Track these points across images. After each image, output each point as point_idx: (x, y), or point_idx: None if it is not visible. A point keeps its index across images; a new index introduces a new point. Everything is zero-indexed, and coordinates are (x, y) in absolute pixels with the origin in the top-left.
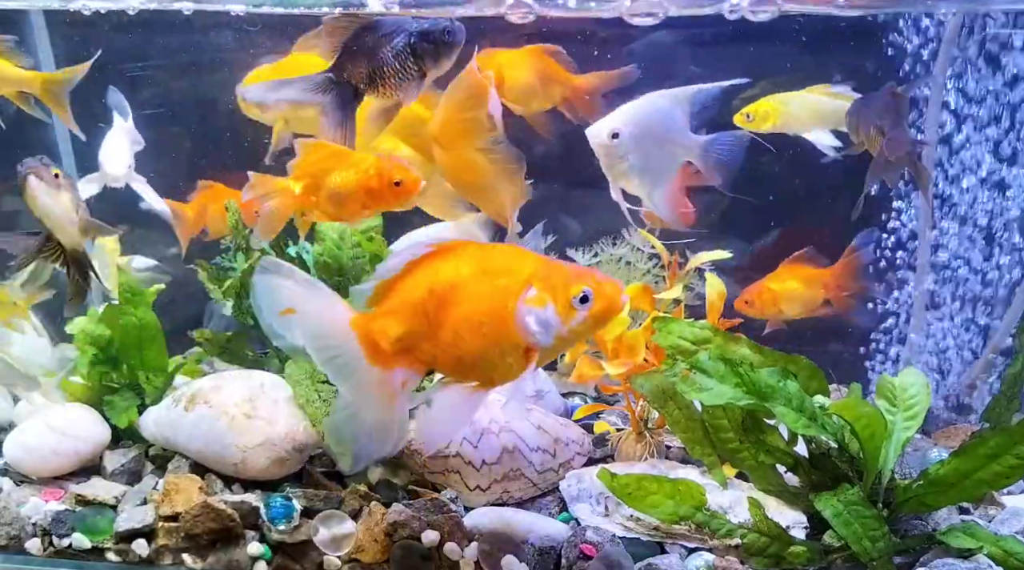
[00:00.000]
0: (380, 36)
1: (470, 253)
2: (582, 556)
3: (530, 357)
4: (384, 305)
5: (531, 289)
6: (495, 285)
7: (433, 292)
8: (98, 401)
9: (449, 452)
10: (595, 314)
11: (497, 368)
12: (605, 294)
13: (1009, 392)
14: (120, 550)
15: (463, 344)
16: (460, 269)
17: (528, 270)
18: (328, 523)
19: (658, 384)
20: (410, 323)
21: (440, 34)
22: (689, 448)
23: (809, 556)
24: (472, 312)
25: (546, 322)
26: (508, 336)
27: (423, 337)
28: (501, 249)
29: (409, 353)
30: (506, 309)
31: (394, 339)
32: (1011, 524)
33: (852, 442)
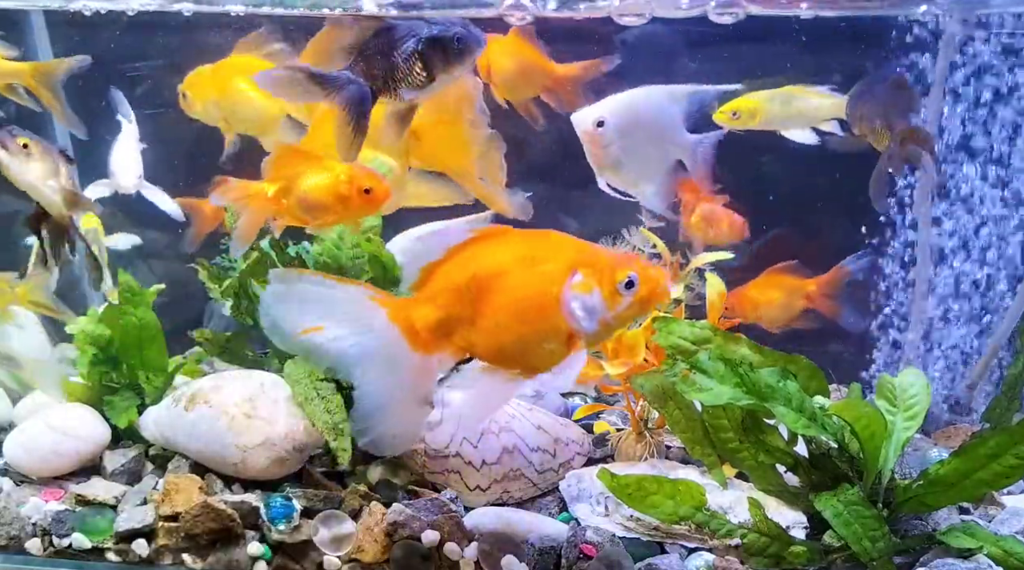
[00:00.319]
0: (393, 39)
1: (512, 238)
2: (582, 556)
3: (573, 344)
4: (424, 290)
5: (577, 275)
6: (539, 271)
7: (475, 278)
8: (98, 401)
9: (449, 452)
10: (641, 299)
11: (538, 355)
12: (650, 279)
13: (1009, 393)
14: (120, 550)
15: (505, 331)
16: (503, 255)
17: (572, 256)
18: (328, 523)
19: (658, 384)
20: (450, 309)
21: (450, 40)
22: (689, 448)
23: (809, 556)
24: (515, 299)
25: (592, 308)
26: (552, 323)
27: (463, 323)
28: (543, 235)
29: (449, 338)
30: (550, 296)
31: (434, 324)
32: (1011, 524)
33: (852, 442)
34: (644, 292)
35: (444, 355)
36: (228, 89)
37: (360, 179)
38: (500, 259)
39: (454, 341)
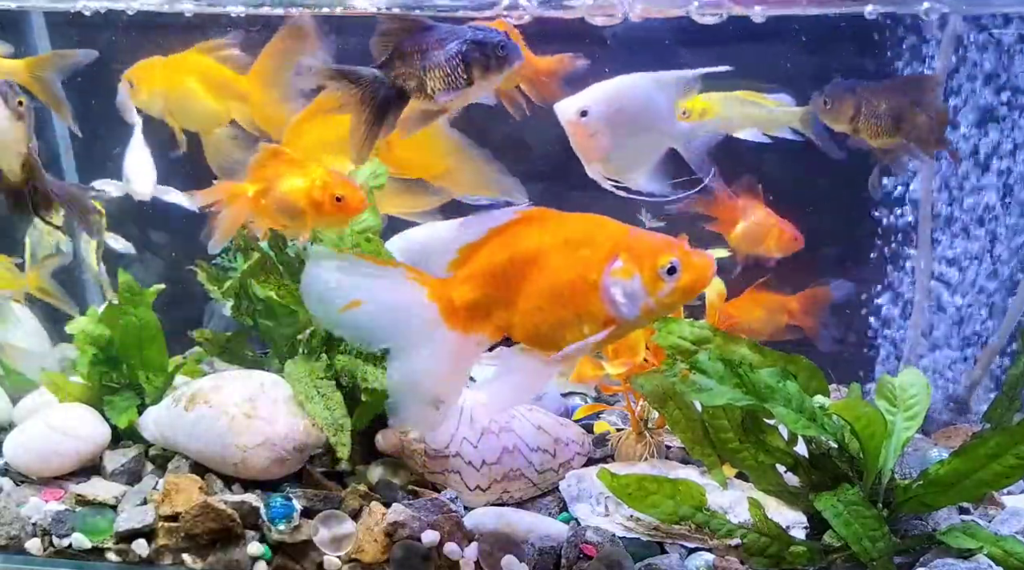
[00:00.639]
0: (434, 40)
1: (553, 222)
2: (582, 556)
3: (609, 329)
4: (464, 270)
5: (617, 260)
6: (579, 255)
7: (514, 260)
8: (98, 401)
9: (449, 452)
10: (683, 286)
11: (573, 337)
12: (694, 265)
13: (1010, 393)
14: (120, 550)
15: (543, 314)
16: (543, 238)
17: (614, 240)
18: (328, 523)
19: (658, 384)
20: (488, 289)
21: (494, 46)
22: (689, 448)
23: (809, 556)
24: (554, 282)
25: (632, 294)
26: (590, 308)
27: (501, 304)
28: (585, 218)
29: (487, 318)
30: (589, 281)
31: (472, 304)
32: (1011, 524)
33: (852, 442)
34: (687, 279)
35: (482, 335)
36: (177, 83)
37: (333, 186)
38: (540, 242)
39: (492, 321)
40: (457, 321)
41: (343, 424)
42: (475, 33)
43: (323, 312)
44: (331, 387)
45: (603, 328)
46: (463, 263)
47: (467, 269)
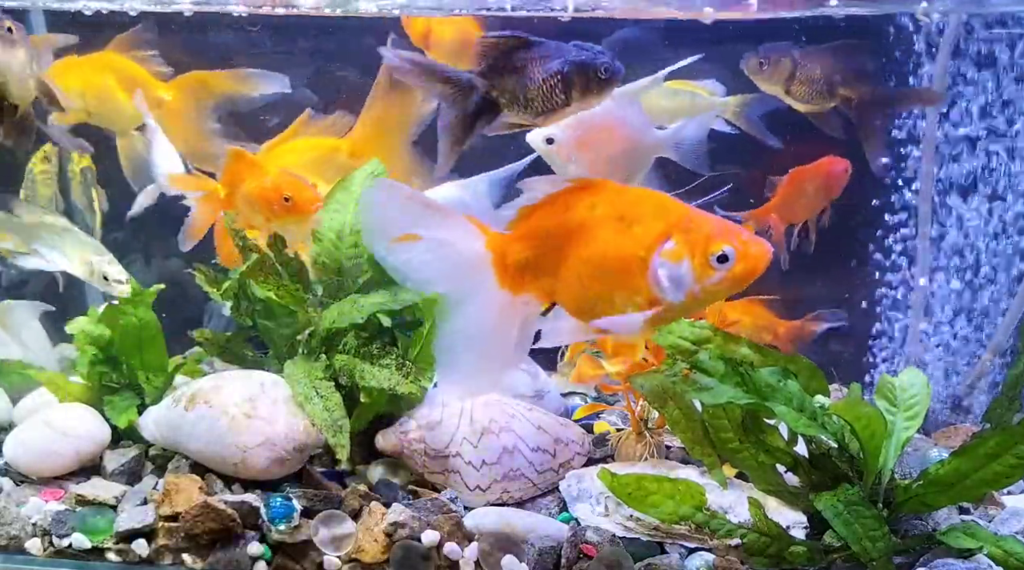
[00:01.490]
0: (537, 56)
1: (609, 194)
2: (582, 556)
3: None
4: (519, 229)
5: (669, 241)
6: (631, 232)
7: (563, 226)
8: (98, 401)
9: (449, 452)
10: (734, 276)
11: (615, 313)
12: (749, 255)
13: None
14: (120, 550)
15: (588, 285)
16: (595, 209)
17: (669, 220)
18: (328, 523)
19: (658, 384)
20: (539, 251)
21: (596, 69)
22: (689, 448)
23: (809, 556)
24: (602, 256)
25: (679, 279)
26: (636, 287)
27: (550, 269)
28: (643, 194)
29: (535, 280)
30: (637, 259)
31: (522, 263)
32: (1011, 524)
33: (852, 442)
34: (739, 269)
35: (529, 297)
36: (95, 83)
37: (281, 187)
38: (594, 212)
39: (540, 284)
40: (507, 278)
41: (342, 425)
42: (579, 53)
43: (377, 240)
44: (330, 388)
45: (647, 308)
46: (520, 222)
47: (522, 228)
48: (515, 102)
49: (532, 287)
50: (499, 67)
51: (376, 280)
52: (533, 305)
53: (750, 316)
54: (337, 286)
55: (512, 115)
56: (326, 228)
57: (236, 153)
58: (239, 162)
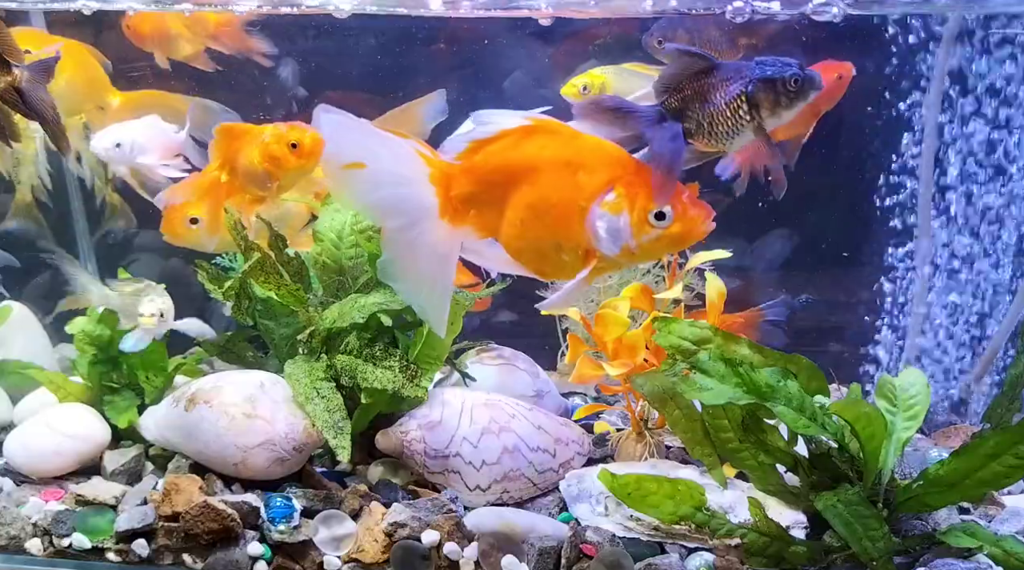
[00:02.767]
0: (716, 81)
1: (562, 138)
2: (582, 556)
3: (589, 261)
4: (467, 162)
5: (611, 192)
6: (574, 179)
7: (510, 165)
8: (98, 401)
9: (449, 452)
10: (670, 236)
11: (553, 263)
12: (687, 217)
13: (1010, 393)
14: (120, 550)
15: (527, 228)
16: (543, 151)
17: (613, 172)
18: (328, 523)
19: (658, 384)
20: (483, 188)
21: (783, 83)
22: (689, 448)
23: (809, 556)
24: (544, 200)
25: (616, 231)
26: (573, 235)
27: (492, 207)
28: (595, 143)
29: (477, 217)
30: (577, 207)
31: (466, 197)
32: (1011, 524)
33: (852, 442)
34: (676, 229)
35: (468, 230)
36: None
37: (286, 135)
38: (542, 155)
39: (481, 220)
40: (448, 210)
41: (343, 427)
42: (762, 70)
43: (328, 165)
44: (331, 388)
45: (583, 258)
46: (468, 155)
47: (470, 162)
48: (699, 130)
49: (473, 221)
50: (682, 97)
51: (377, 280)
52: (470, 240)
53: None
54: (338, 286)
55: (700, 144)
56: (326, 228)
57: (225, 128)
58: (229, 136)
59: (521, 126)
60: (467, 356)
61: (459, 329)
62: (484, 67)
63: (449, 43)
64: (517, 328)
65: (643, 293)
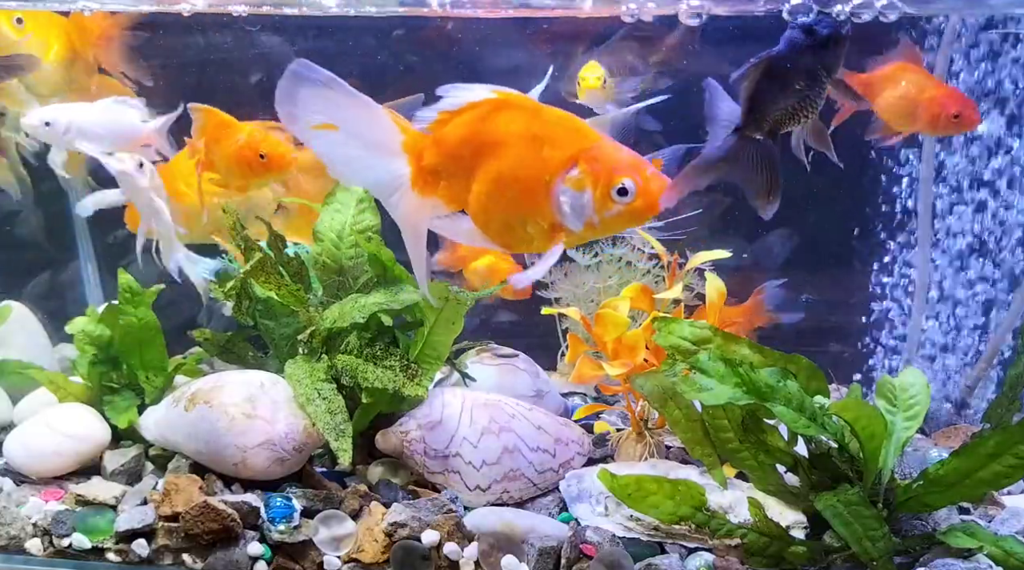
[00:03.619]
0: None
1: (528, 113)
2: (582, 556)
3: (555, 236)
4: (437, 133)
5: (575, 168)
6: (540, 154)
7: (477, 138)
8: (98, 401)
9: (449, 452)
10: (632, 210)
11: (519, 236)
12: (648, 192)
13: (1010, 393)
14: (120, 550)
15: (493, 201)
16: (510, 125)
17: (577, 147)
18: (328, 523)
19: (658, 384)
20: (451, 160)
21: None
22: (689, 448)
23: (809, 556)
24: (510, 174)
25: (580, 207)
26: (538, 209)
27: (460, 179)
28: (561, 117)
29: (447, 188)
30: (542, 182)
31: (435, 167)
32: (1011, 524)
33: (852, 442)
34: (638, 204)
35: (438, 202)
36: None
37: (257, 144)
38: (508, 129)
39: (450, 191)
40: (419, 180)
41: (344, 430)
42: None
43: (292, 121)
44: (332, 390)
45: (548, 232)
46: (438, 126)
47: (440, 133)
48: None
49: (443, 193)
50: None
51: (377, 280)
52: (441, 211)
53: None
54: (338, 286)
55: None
56: (326, 228)
57: (208, 111)
58: (212, 120)
59: (488, 99)
60: (467, 356)
61: (460, 329)
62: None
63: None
64: (517, 328)
65: (643, 293)
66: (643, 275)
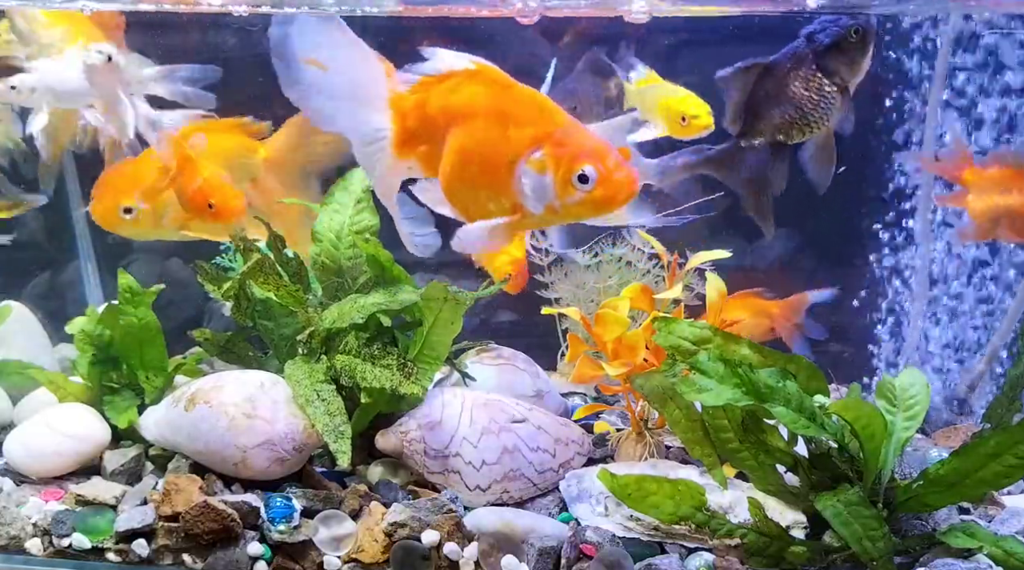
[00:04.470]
0: (780, 74)
1: (500, 88)
2: (582, 556)
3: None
4: (418, 96)
5: (539, 150)
6: (504, 132)
7: (449, 108)
8: (98, 401)
9: (449, 452)
10: (593, 199)
11: (480, 210)
12: (610, 182)
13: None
14: (120, 550)
15: (460, 172)
16: (479, 99)
17: (543, 129)
18: (328, 523)
19: (658, 384)
20: (425, 125)
21: (848, 37)
22: (689, 448)
23: (809, 556)
24: (476, 148)
25: (541, 190)
26: (500, 186)
27: (432, 144)
28: (529, 96)
29: (424, 151)
30: (505, 161)
31: (412, 129)
32: (1011, 524)
33: (852, 442)
34: (598, 193)
35: (413, 164)
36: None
37: (208, 193)
38: (477, 102)
39: (424, 157)
40: (398, 139)
41: (344, 431)
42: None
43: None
44: (331, 391)
45: (509, 211)
46: (419, 89)
47: (420, 97)
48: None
49: (419, 156)
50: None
51: (375, 280)
52: (416, 173)
53: (745, 308)
54: (337, 286)
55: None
56: (325, 229)
57: (177, 142)
58: (178, 153)
59: (466, 69)
60: (467, 356)
61: (459, 329)
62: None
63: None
64: (517, 328)
65: (643, 293)
66: (643, 275)
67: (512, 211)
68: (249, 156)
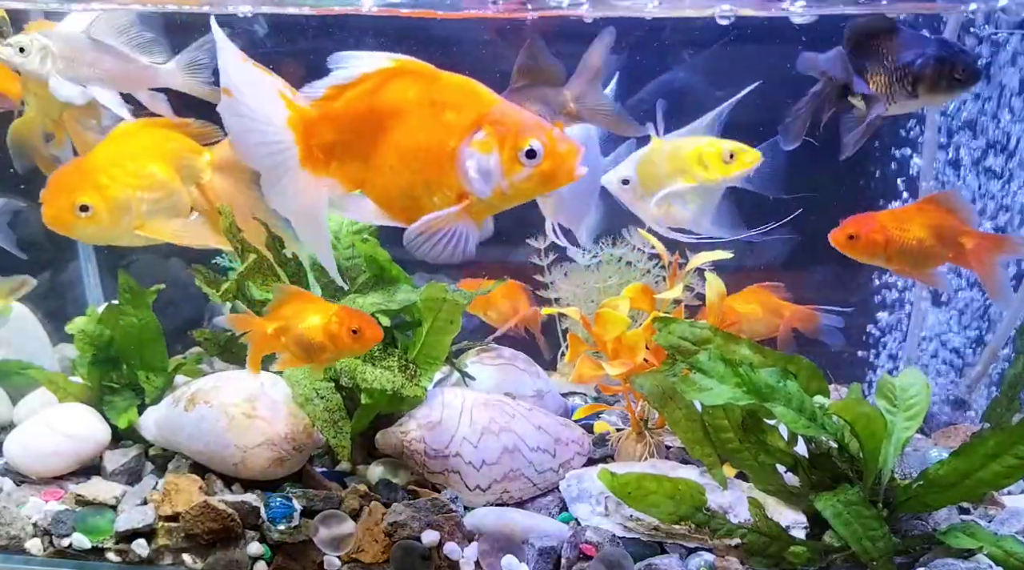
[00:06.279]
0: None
1: (427, 79)
2: (582, 556)
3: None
4: (326, 109)
5: (480, 132)
6: (441, 119)
7: (373, 111)
8: (98, 401)
9: (449, 452)
10: (542, 173)
11: (424, 207)
12: (556, 154)
13: (1010, 393)
14: (120, 550)
15: (396, 175)
16: (407, 93)
17: (481, 110)
18: (328, 523)
19: (658, 384)
20: (345, 136)
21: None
22: (689, 448)
23: (809, 556)
24: (411, 143)
25: (487, 171)
26: (444, 177)
27: (357, 156)
28: (458, 82)
29: (341, 167)
30: (447, 148)
31: (327, 146)
32: (1011, 524)
33: (852, 442)
34: (547, 166)
35: (332, 182)
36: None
37: (349, 320)
38: (406, 97)
39: (345, 170)
40: (309, 159)
41: (342, 427)
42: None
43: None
44: (330, 389)
45: (456, 201)
46: (327, 102)
47: (330, 108)
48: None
49: (337, 172)
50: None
51: (374, 280)
52: (337, 191)
53: (757, 301)
54: (335, 287)
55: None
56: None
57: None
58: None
59: (382, 68)
60: (467, 356)
61: (458, 329)
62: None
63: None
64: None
65: (643, 293)
66: (643, 275)
67: (458, 200)
68: (192, 158)
